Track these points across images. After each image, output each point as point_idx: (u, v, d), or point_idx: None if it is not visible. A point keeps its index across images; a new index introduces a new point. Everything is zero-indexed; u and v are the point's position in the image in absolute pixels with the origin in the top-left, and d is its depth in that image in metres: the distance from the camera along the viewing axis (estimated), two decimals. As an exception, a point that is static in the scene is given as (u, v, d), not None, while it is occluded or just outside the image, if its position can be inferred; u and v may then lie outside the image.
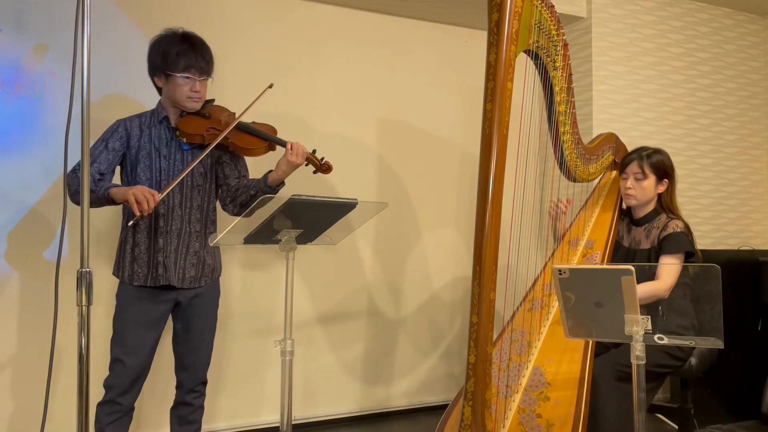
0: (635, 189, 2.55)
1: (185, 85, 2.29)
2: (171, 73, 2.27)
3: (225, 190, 2.45)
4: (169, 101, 2.35)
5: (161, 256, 2.28)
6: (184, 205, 2.32)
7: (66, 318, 2.22)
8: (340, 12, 3.53)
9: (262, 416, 3.28)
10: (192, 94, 2.31)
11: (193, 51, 2.29)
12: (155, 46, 2.32)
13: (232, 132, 2.35)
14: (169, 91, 2.32)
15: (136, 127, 2.33)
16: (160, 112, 2.36)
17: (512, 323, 2.50)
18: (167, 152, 2.32)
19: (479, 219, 1.91)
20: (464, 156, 3.85)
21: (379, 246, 3.62)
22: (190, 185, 2.33)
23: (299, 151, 2.35)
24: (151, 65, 2.33)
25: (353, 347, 3.54)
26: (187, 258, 2.33)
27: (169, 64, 2.26)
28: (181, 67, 2.26)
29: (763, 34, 4.35)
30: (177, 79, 2.28)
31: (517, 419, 2.15)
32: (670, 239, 2.45)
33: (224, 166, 2.44)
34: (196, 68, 2.29)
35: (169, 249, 2.29)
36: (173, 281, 2.29)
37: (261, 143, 2.39)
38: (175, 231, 2.31)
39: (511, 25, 1.93)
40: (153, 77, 2.34)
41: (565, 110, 2.44)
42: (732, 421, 3.43)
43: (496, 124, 1.90)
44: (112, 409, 2.23)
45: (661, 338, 1.74)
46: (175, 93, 2.30)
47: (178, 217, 2.31)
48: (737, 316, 3.43)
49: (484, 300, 1.89)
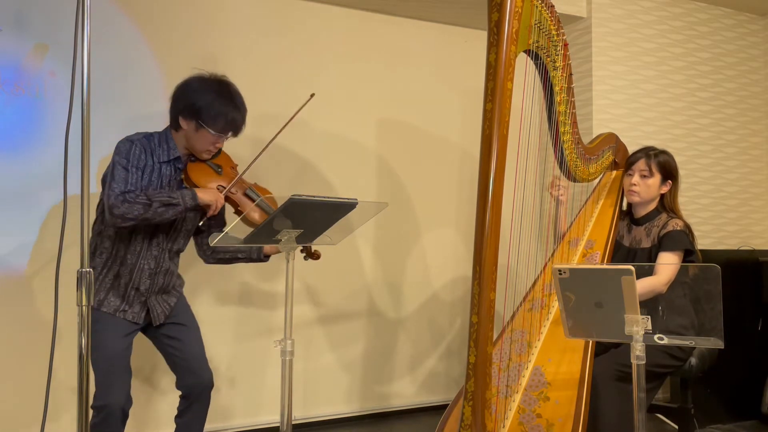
0: (640, 186, 2.55)
1: (211, 140, 2.23)
2: (205, 127, 2.20)
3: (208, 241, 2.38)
4: (183, 142, 2.27)
5: (144, 296, 2.26)
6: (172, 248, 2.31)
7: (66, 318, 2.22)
8: (340, 12, 3.53)
9: (262, 416, 3.28)
10: (213, 149, 2.28)
11: (236, 111, 2.23)
12: (195, 90, 2.21)
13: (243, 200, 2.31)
14: (191, 137, 2.23)
15: (150, 156, 2.22)
16: (172, 150, 2.26)
17: (512, 323, 2.50)
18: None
19: (479, 219, 1.91)
20: (464, 156, 3.85)
21: (380, 246, 3.62)
22: (179, 228, 2.30)
23: None
24: (184, 106, 2.21)
25: (353, 347, 3.54)
26: (164, 290, 2.33)
27: (208, 119, 2.18)
28: (219, 127, 2.20)
29: (763, 34, 4.35)
30: (207, 135, 2.21)
31: (517, 419, 2.15)
32: (670, 236, 2.45)
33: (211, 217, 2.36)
34: (233, 129, 2.25)
35: (153, 290, 2.27)
36: (160, 320, 2.29)
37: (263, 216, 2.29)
38: (163, 272, 2.29)
39: (511, 25, 1.93)
40: (179, 117, 2.23)
41: (566, 110, 2.43)
42: (732, 421, 3.43)
43: (496, 124, 1.90)
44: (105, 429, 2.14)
45: (661, 338, 1.74)
46: (197, 143, 2.24)
47: (168, 259, 2.30)
48: (737, 316, 3.42)
49: (484, 300, 1.89)
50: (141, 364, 2.98)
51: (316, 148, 3.44)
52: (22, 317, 2.81)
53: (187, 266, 3.04)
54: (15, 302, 2.80)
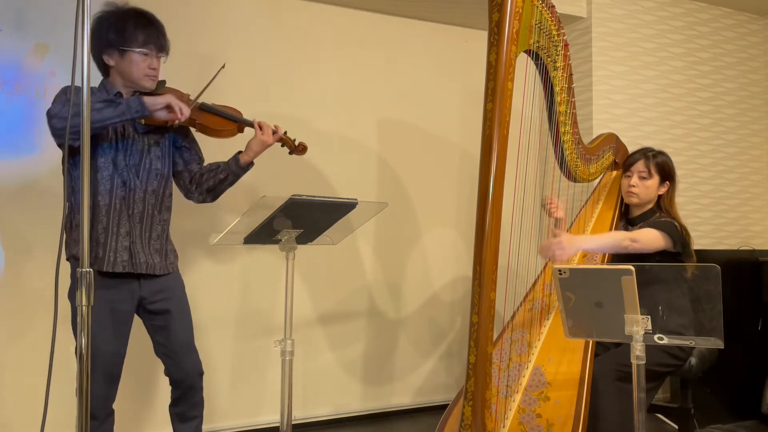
0: (639, 187, 2.55)
1: (143, 62, 2.13)
2: (128, 49, 2.11)
3: (187, 176, 2.33)
4: (120, 80, 2.17)
5: (128, 240, 2.14)
6: (142, 187, 2.18)
7: (66, 318, 2.22)
8: (340, 12, 3.53)
9: (261, 416, 3.28)
10: (149, 71, 2.16)
11: (151, 26, 2.15)
12: (105, 21, 2.13)
13: (199, 113, 2.23)
14: (123, 68, 2.14)
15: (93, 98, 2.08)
16: (110, 89, 2.15)
17: (512, 323, 2.50)
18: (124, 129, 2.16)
19: (479, 219, 1.91)
20: (464, 156, 3.85)
21: (380, 246, 3.62)
22: (147, 168, 2.19)
23: (269, 130, 2.28)
24: (101, 41, 2.11)
25: (353, 347, 3.54)
26: (151, 244, 2.20)
27: (126, 39, 2.10)
28: (139, 42, 2.11)
29: (763, 34, 4.35)
30: (134, 56, 2.12)
31: (517, 419, 2.15)
32: (660, 222, 2.46)
33: (182, 151, 2.32)
34: (155, 44, 2.15)
35: (135, 234, 2.15)
36: (142, 268, 2.15)
37: (230, 124, 2.28)
38: (138, 215, 2.17)
39: (512, 25, 1.93)
40: (102, 55, 2.14)
41: (566, 110, 2.44)
42: (732, 421, 3.43)
43: (497, 125, 1.90)
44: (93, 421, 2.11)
45: (661, 338, 1.74)
46: (131, 71, 2.14)
47: (140, 200, 2.18)
48: (737, 316, 3.43)
49: (484, 300, 1.89)
50: (140, 362, 2.99)
51: (316, 147, 3.43)
52: (23, 317, 2.81)
53: (187, 266, 3.05)
54: (15, 302, 2.80)
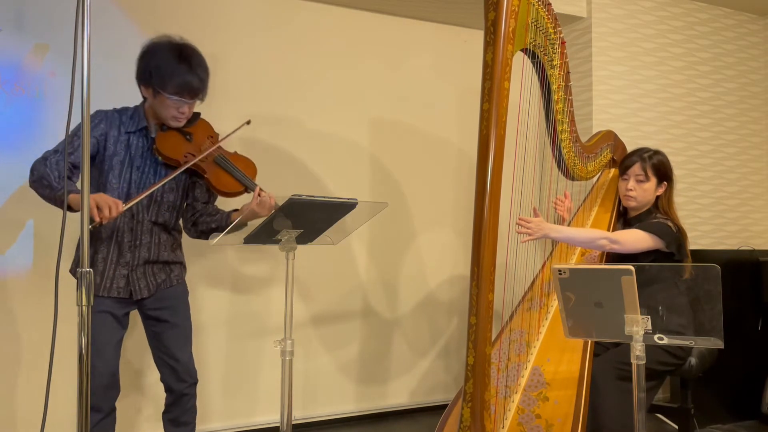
0: (636, 191, 2.53)
1: (173, 106, 2.18)
2: (161, 92, 2.15)
3: (189, 210, 2.39)
4: (152, 112, 2.25)
5: (126, 269, 2.22)
6: (152, 219, 2.26)
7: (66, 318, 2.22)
8: (339, 11, 3.53)
9: (256, 417, 3.28)
10: (178, 114, 2.21)
11: (189, 72, 2.15)
12: (150, 56, 2.17)
13: (211, 167, 2.26)
14: (154, 104, 2.21)
15: (115, 127, 2.22)
16: (140, 120, 2.25)
17: (511, 323, 2.50)
18: (141, 163, 2.24)
19: (477, 220, 1.91)
20: (462, 156, 3.85)
21: (376, 246, 3.62)
22: (159, 201, 2.27)
23: (266, 204, 2.23)
24: (141, 74, 2.20)
25: (352, 347, 3.54)
26: (153, 270, 2.28)
27: (161, 83, 2.13)
28: (171, 90, 2.14)
29: (763, 34, 4.35)
30: (165, 100, 2.16)
31: (516, 420, 2.15)
32: (650, 223, 2.45)
33: (195, 187, 2.38)
34: (189, 92, 2.17)
35: (137, 263, 2.23)
36: (143, 294, 2.24)
37: (237, 186, 2.29)
38: (145, 245, 2.25)
39: (508, 23, 1.92)
40: (140, 85, 2.23)
41: (563, 108, 2.43)
42: (732, 421, 3.43)
43: (494, 124, 1.90)
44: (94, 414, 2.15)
45: (660, 338, 1.74)
46: (160, 110, 2.20)
47: (148, 231, 2.25)
48: (737, 316, 3.43)
49: (482, 301, 1.89)
50: (137, 366, 2.99)
51: (315, 147, 3.44)
52: (23, 317, 2.81)
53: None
54: (15, 302, 2.80)
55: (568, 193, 2.79)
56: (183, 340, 2.35)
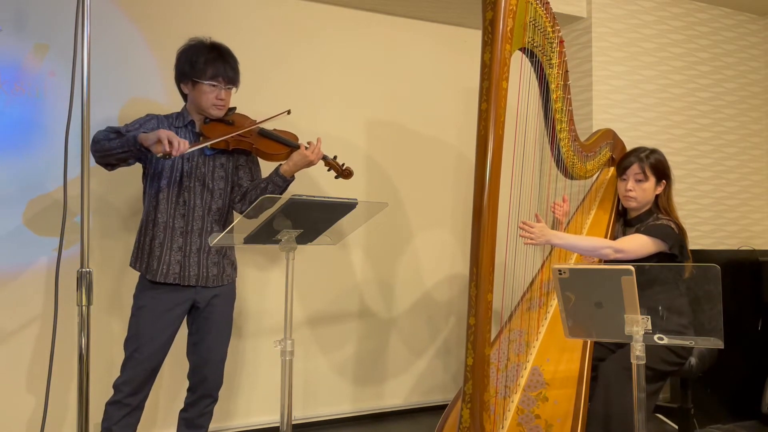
0: (636, 191, 2.52)
1: (211, 93, 2.35)
2: (198, 81, 2.34)
3: (236, 191, 2.50)
4: (194, 107, 2.42)
5: (180, 255, 2.33)
6: (204, 206, 2.39)
7: (66, 318, 2.22)
8: (338, 11, 3.53)
9: (259, 417, 3.27)
10: (217, 101, 2.37)
11: (221, 60, 2.36)
12: (183, 54, 2.39)
13: (256, 138, 2.44)
14: (195, 98, 2.38)
15: (165, 125, 2.39)
16: (186, 116, 2.42)
17: (510, 323, 2.50)
18: (190, 155, 2.36)
19: (475, 221, 1.90)
20: (460, 156, 3.85)
21: (373, 246, 3.61)
22: (210, 188, 2.40)
23: (317, 151, 2.42)
24: (179, 73, 2.40)
25: (350, 348, 3.54)
26: (209, 257, 2.39)
27: (197, 72, 2.33)
28: (208, 75, 2.33)
29: (763, 34, 4.35)
30: (203, 87, 2.34)
31: (516, 420, 2.15)
32: (652, 225, 2.45)
33: (239, 170, 2.50)
34: (222, 77, 2.36)
35: (190, 249, 2.35)
36: (192, 281, 2.34)
37: (284, 149, 2.47)
38: (197, 231, 2.37)
39: (506, 23, 1.92)
40: (180, 84, 2.42)
41: (562, 107, 2.43)
42: (732, 421, 3.43)
43: (492, 125, 1.89)
44: (122, 409, 2.27)
45: (661, 338, 1.74)
46: (201, 100, 2.37)
47: (200, 217, 2.37)
48: (737, 316, 3.42)
49: (481, 302, 1.89)
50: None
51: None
52: (23, 317, 2.81)
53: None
54: (15, 302, 2.80)
55: (567, 197, 2.79)
56: (219, 344, 2.47)
